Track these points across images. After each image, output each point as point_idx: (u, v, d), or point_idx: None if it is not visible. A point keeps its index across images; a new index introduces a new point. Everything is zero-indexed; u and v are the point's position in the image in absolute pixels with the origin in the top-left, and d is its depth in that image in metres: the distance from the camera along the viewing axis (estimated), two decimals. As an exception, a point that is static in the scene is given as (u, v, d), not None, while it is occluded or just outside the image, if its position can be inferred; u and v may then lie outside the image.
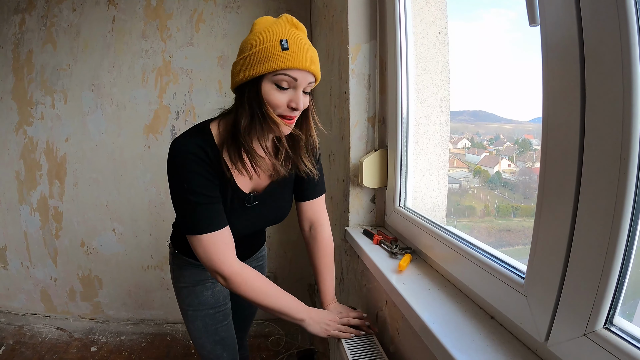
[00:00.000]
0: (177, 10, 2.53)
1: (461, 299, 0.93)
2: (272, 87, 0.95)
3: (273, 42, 0.93)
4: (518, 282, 0.76)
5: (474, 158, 1.43)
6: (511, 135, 1.31)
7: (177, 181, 1.01)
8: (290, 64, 0.93)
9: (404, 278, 1.06)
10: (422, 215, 1.28)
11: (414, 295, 0.95)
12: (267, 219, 1.24)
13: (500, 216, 1.31)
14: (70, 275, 2.81)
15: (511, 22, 1.20)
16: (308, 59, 0.96)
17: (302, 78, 0.96)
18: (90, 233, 2.75)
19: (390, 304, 1.16)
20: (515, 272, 0.80)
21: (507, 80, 1.22)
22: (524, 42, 1.12)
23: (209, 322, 1.31)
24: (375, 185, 1.45)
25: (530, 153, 1.20)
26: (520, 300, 0.74)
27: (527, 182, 1.23)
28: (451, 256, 1.02)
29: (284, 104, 0.97)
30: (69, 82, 2.56)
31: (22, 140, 2.64)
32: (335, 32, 1.72)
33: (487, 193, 1.36)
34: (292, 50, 0.93)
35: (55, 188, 2.69)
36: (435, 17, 1.41)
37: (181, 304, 1.33)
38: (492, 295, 0.83)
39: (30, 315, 2.87)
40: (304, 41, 0.97)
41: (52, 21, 2.52)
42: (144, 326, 2.78)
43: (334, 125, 1.77)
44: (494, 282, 0.84)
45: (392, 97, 1.39)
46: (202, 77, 2.59)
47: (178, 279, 1.32)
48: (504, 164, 1.28)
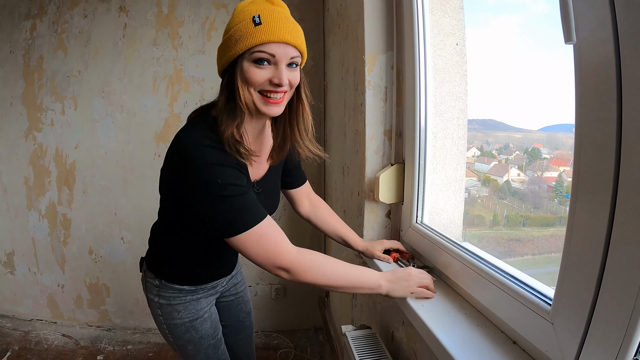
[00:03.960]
0: (188, 18, 2.52)
1: (482, 321, 0.90)
2: (251, 65, 0.90)
3: (246, 20, 0.89)
4: (544, 309, 0.73)
5: (483, 167, 1.41)
6: (520, 144, 1.30)
7: (205, 179, 0.89)
8: (263, 38, 0.87)
9: (422, 299, 1.02)
10: (440, 232, 1.24)
11: (433, 318, 0.92)
12: (268, 206, 1.13)
13: (509, 226, 1.29)
14: (77, 282, 2.80)
15: (520, 27, 1.18)
16: (284, 30, 0.89)
17: (280, 52, 0.90)
18: (99, 240, 2.73)
19: (407, 324, 1.12)
20: (541, 297, 0.76)
21: (516, 89, 1.19)
22: (533, 50, 1.11)
23: (211, 352, 1.25)
24: (392, 200, 1.42)
25: (540, 162, 1.18)
26: (546, 327, 0.71)
27: (537, 191, 1.21)
28: (471, 277, 0.99)
29: (264, 80, 0.91)
30: (79, 89, 2.56)
31: (31, 146, 2.64)
32: (350, 42, 1.69)
33: (497, 202, 1.35)
34: (265, 24, 0.88)
35: (64, 195, 2.67)
36: (453, 28, 1.37)
37: (178, 341, 1.22)
38: (515, 320, 0.80)
39: (37, 321, 2.86)
40: (280, 14, 0.91)
41: (63, 27, 2.52)
42: (152, 335, 2.75)
43: (348, 138, 1.74)
44: (517, 307, 0.80)
45: (410, 109, 1.35)
46: (214, 85, 2.50)
47: (170, 315, 1.19)
48: (513, 173, 1.27)
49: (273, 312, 2.86)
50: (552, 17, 1.06)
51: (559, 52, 0.99)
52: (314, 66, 2.52)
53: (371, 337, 1.22)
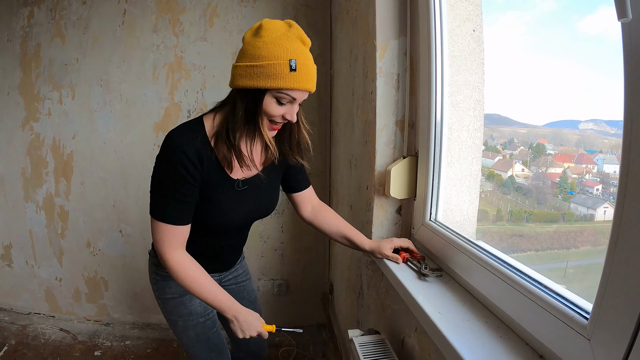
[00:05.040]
0: (190, 4, 2.42)
1: (504, 332, 0.82)
2: (273, 101, 1.02)
3: (282, 60, 0.97)
4: (580, 323, 0.66)
5: (487, 162, 1.39)
6: (525, 139, 1.30)
7: (164, 171, 1.07)
8: (295, 86, 0.99)
9: (438, 305, 0.94)
10: (457, 232, 1.15)
11: (451, 328, 0.83)
12: (256, 206, 1.25)
13: (512, 221, 1.30)
14: (75, 275, 2.73)
15: (527, 24, 1.19)
16: (311, 80, 1.03)
17: (300, 96, 1.04)
18: (97, 234, 2.66)
19: (421, 331, 1.04)
20: (575, 309, 0.69)
21: (522, 84, 1.21)
22: (540, 46, 1.13)
23: (200, 331, 1.33)
24: (403, 196, 1.33)
25: (544, 158, 1.19)
26: (581, 343, 0.64)
27: (541, 187, 1.21)
28: (494, 283, 0.91)
29: (279, 116, 1.05)
30: (77, 78, 2.47)
31: (28, 136, 2.56)
32: (359, 28, 1.60)
33: (500, 197, 1.34)
34: (299, 73, 0.99)
35: (62, 186, 2.60)
36: (469, 13, 1.30)
37: (169, 315, 1.32)
38: (544, 333, 0.72)
39: (34, 315, 2.80)
40: (309, 61, 1.03)
41: (62, 14, 2.42)
42: (150, 331, 2.69)
43: (357, 128, 1.66)
44: (546, 318, 0.73)
45: (425, 99, 1.26)
46: (216, 74, 2.48)
47: (163, 290, 1.30)
48: (517, 169, 1.28)
49: (275, 309, 2.79)
50: (559, 14, 1.07)
51: (565, 48, 1.03)
52: (320, 55, 2.42)
53: (380, 344, 1.14)
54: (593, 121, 1.05)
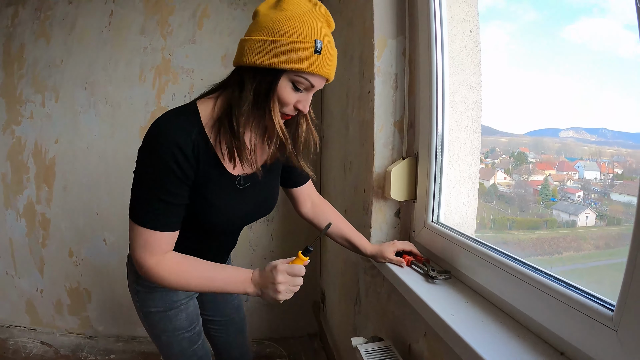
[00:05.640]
0: (179, 5, 2.37)
1: (521, 331, 0.79)
2: (289, 85, 0.89)
3: (308, 39, 0.85)
4: (604, 314, 0.64)
5: None
6: (507, 148, 1.32)
7: (149, 165, 0.90)
8: (318, 70, 0.87)
9: (449, 307, 0.90)
10: (463, 232, 1.12)
11: (467, 330, 0.79)
12: (258, 205, 1.12)
13: (495, 229, 1.32)
14: (57, 286, 2.61)
15: (510, 35, 1.23)
16: (333, 67, 0.92)
17: (319, 84, 0.92)
18: (80, 242, 2.55)
19: (431, 336, 1.00)
20: (597, 301, 0.67)
21: (503, 94, 1.27)
22: (520, 56, 1.16)
23: (185, 346, 1.21)
24: (404, 197, 1.29)
25: (526, 166, 1.19)
26: (606, 335, 0.62)
27: (523, 194, 1.22)
28: (505, 280, 0.88)
29: (292, 104, 0.92)
30: (62, 79, 2.39)
31: (9, 140, 2.46)
32: (355, 27, 1.57)
33: (483, 205, 1.34)
34: (324, 56, 0.87)
35: (43, 193, 2.50)
36: (466, 14, 1.29)
37: (153, 329, 1.20)
38: (564, 328, 0.70)
39: (15, 328, 2.67)
40: (332, 43, 0.91)
41: (47, 14, 2.35)
42: (136, 344, 2.58)
43: (352, 130, 1.62)
44: (567, 313, 0.71)
45: (425, 99, 1.23)
46: (204, 77, 2.42)
47: (146, 303, 1.16)
48: (499, 177, 1.30)
49: (265, 319, 2.71)
50: (540, 24, 1.09)
51: (546, 58, 1.06)
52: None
53: (386, 351, 1.09)
54: (573, 129, 1.07)
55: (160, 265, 0.93)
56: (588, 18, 0.95)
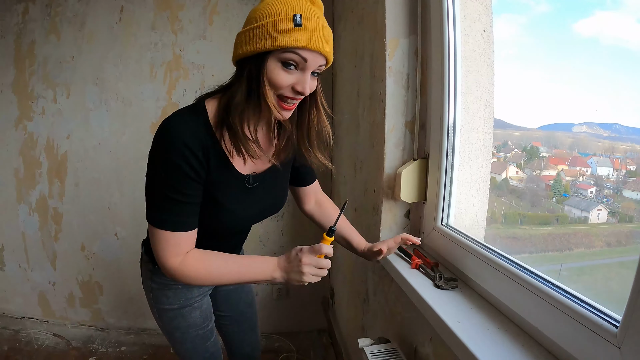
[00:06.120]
0: (189, 1, 2.37)
1: (525, 341, 0.79)
2: (278, 65, 0.85)
3: (285, 15, 0.83)
4: (609, 330, 0.63)
5: None
6: (519, 142, 1.30)
7: (160, 168, 0.90)
8: (301, 43, 0.83)
9: (455, 314, 0.90)
10: (473, 237, 1.11)
11: (472, 337, 0.79)
12: (267, 204, 1.12)
13: (507, 223, 1.32)
14: (69, 279, 2.66)
15: (522, 27, 1.21)
16: (322, 38, 0.85)
17: (312, 59, 0.86)
18: (91, 236, 2.59)
19: (437, 341, 1.00)
20: (603, 317, 0.66)
21: (516, 87, 1.25)
22: (534, 48, 1.13)
23: (198, 342, 1.24)
24: (414, 199, 1.29)
25: (538, 160, 1.19)
26: (610, 351, 0.62)
27: (535, 189, 1.21)
28: (513, 289, 0.87)
29: (287, 85, 0.87)
30: (72, 76, 2.40)
31: (21, 136, 2.49)
32: (365, 26, 1.55)
33: (494, 200, 1.33)
34: (306, 28, 0.83)
35: (55, 188, 2.53)
36: (479, 13, 1.27)
37: (166, 326, 1.21)
38: (569, 341, 0.70)
39: (27, 320, 2.72)
40: (320, 19, 0.87)
41: (57, 10, 2.35)
42: (146, 336, 2.62)
43: (363, 130, 1.61)
44: (572, 326, 0.70)
45: (437, 99, 1.22)
46: (215, 73, 2.42)
47: (160, 300, 1.17)
48: (511, 171, 1.29)
49: (274, 313, 2.74)
50: (553, 17, 1.07)
51: (559, 52, 1.03)
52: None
53: (392, 353, 1.09)
54: (587, 124, 1.05)
55: (184, 264, 0.94)
56: (601, 11, 0.94)
